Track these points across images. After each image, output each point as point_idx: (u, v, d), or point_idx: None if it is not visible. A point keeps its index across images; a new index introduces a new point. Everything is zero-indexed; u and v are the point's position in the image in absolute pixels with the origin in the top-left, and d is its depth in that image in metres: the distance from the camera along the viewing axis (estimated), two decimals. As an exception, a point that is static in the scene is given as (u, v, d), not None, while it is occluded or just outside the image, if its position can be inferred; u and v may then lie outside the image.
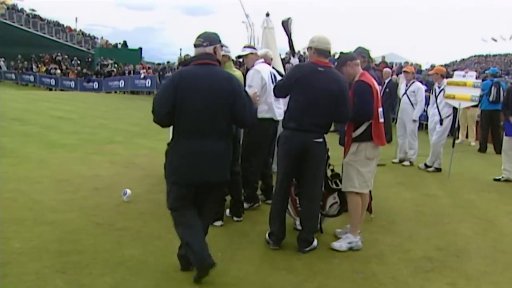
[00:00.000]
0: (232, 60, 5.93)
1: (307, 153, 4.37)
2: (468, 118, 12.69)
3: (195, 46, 3.77)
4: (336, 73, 4.46)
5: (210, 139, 3.64)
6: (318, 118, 4.34)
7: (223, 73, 3.76)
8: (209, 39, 3.75)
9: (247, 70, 5.82)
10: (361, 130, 4.60)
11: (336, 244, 4.70)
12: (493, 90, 11.27)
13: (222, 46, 3.96)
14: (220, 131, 3.68)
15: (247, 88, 5.23)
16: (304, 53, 19.79)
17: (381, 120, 4.66)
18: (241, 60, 6.73)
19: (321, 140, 4.41)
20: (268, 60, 5.94)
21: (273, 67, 6.79)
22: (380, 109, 4.68)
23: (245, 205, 5.76)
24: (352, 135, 4.62)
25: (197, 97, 3.57)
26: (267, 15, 7.55)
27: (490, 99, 11.29)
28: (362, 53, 5.46)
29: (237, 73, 5.13)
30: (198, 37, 3.78)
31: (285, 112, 4.70)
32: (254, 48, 6.02)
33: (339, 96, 4.34)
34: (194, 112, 3.58)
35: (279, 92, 4.65)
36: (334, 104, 4.35)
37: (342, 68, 4.69)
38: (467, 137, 13.05)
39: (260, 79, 5.44)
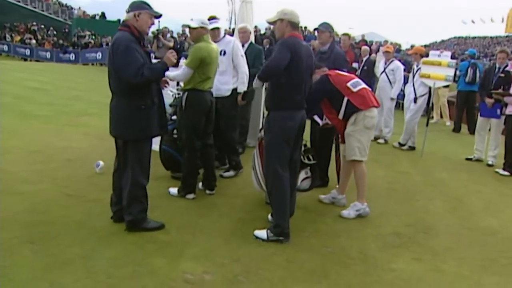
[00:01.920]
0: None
1: (301, 131, 4.36)
2: (439, 98, 12.84)
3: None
4: (308, 46, 4.42)
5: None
6: (305, 93, 4.29)
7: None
8: (130, 6, 4.00)
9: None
10: (343, 109, 4.81)
11: (345, 212, 4.93)
12: (470, 71, 11.43)
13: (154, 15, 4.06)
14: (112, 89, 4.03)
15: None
16: (268, 28, 19.64)
17: (355, 89, 4.81)
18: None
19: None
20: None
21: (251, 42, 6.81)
22: (351, 81, 4.86)
23: (232, 173, 6.08)
24: (339, 117, 4.85)
25: None
26: (246, -12, 7.46)
27: (466, 80, 11.47)
28: (328, 28, 5.56)
29: (214, 46, 5.07)
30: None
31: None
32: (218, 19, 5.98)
33: (312, 70, 4.38)
34: None
35: (277, 70, 4.01)
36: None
37: None
38: (441, 116, 13.21)
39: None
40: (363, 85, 4.92)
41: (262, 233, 4.21)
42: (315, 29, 6.07)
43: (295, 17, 4.19)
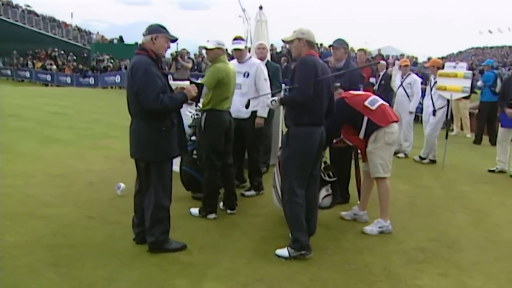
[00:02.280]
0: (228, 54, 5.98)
1: (321, 148, 4.37)
2: (460, 109, 12.71)
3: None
4: (324, 64, 4.45)
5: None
6: (324, 110, 4.32)
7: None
8: (147, 30, 4.07)
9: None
10: (363, 129, 4.81)
11: (368, 229, 4.90)
12: (498, 81, 11.20)
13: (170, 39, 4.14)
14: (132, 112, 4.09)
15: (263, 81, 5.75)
16: (284, 47, 19.77)
17: (374, 107, 4.80)
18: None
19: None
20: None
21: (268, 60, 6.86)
22: (368, 100, 4.86)
23: (254, 193, 6.09)
24: (360, 136, 4.85)
25: None
26: (260, 8, 7.56)
27: (497, 90, 11.21)
28: (343, 44, 5.59)
29: (231, 66, 5.13)
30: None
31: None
32: (243, 40, 6.05)
33: (330, 88, 4.39)
34: None
35: (308, 91, 4.04)
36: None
37: None
38: (462, 128, 13.07)
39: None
40: (381, 101, 4.92)
41: (283, 252, 4.19)
42: (329, 46, 6.10)
43: (312, 36, 4.26)
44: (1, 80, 34.50)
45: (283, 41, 4.52)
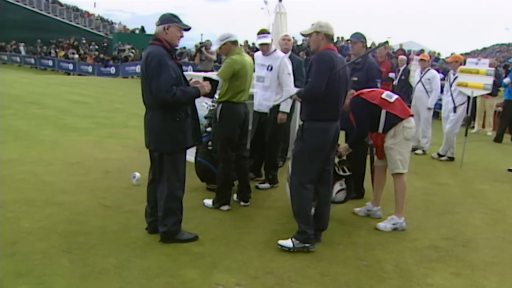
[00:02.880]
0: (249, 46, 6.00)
1: (334, 143, 4.35)
2: (486, 107, 12.49)
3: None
4: (343, 58, 4.40)
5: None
6: (341, 105, 4.27)
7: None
8: (160, 20, 4.08)
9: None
10: (382, 122, 4.76)
11: (381, 225, 4.87)
12: None
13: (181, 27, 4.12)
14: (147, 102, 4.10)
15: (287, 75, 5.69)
16: (305, 39, 19.59)
17: (392, 100, 4.79)
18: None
19: None
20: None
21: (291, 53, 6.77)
22: (384, 93, 4.86)
23: (268, 185, 6.08)
24: (379, 130, 4.80)
25: None
26: (280, 0, 7.52)
27: None
28: (361, 38, 5.53)
29: (247, 58, 5.11)
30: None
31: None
32: (268, 33, 5.98)
33: (348, 81, 4.34)
34: None
35: (320, 93, 4.01)
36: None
37: None
38: (483, 126, 12.84)
39: None
40: (396, 96, 4.88)
41: (287, 242, 4.19)
42: (347, 40, 6.06)
43: (331, 29, 4.19)
44: (24, 68, 35.06)
45: (301, 34, 4.46)
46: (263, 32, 5.78)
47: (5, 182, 5.61)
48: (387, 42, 3.87)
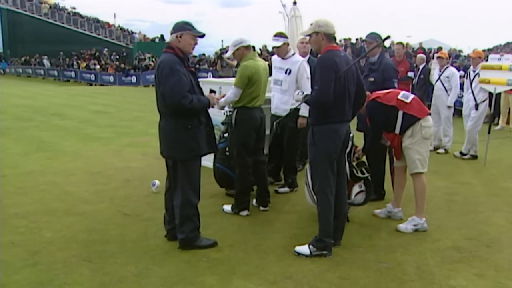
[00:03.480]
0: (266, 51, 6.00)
1: (345, 145, 4.28)
2: (511, 103, 12.23)
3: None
4: (347, 56, 4.34)
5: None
6: (350, 105, 4.18)
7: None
8: (173, 28, 4.09)
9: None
10: (399, 123, 4.70)
11: (402, 226, 4.82)
12: None
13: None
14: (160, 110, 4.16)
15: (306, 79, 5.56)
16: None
17: (408, 100, 4.72)
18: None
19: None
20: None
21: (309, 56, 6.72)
22: (400, 94, 4.79)
23: (287, 189, 6.05)
24: (396, 131, 4.74)
25: None
26: (294, 3, 7.52)
27: None
28: (376, 38, 5.46)
29: (261, 63, 5.11)
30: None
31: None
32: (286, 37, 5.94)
33: (359, 79, 4.24)
34: None
35: (328, 101, 3.93)
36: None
37: None
38: (507, 123, 12.58)
39: None
40: (413, 96, 4.83)
41: (304, 249, 4.14)
42: (362, 41, 6.02)
43: (331, 28, 4.05)
44: (48, 80, 35.78)
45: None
46: (276, 35, 5.76)
47: (28, 193, 5.73)
48: (388, 36, 3.75)
